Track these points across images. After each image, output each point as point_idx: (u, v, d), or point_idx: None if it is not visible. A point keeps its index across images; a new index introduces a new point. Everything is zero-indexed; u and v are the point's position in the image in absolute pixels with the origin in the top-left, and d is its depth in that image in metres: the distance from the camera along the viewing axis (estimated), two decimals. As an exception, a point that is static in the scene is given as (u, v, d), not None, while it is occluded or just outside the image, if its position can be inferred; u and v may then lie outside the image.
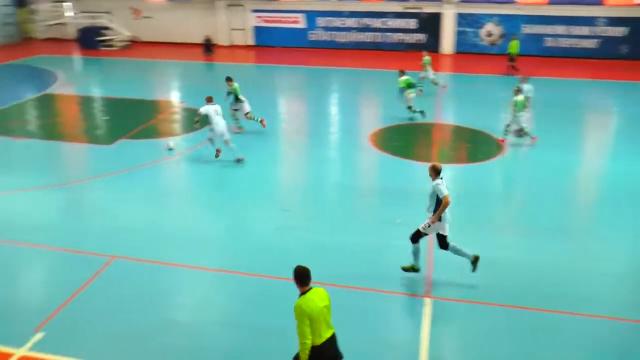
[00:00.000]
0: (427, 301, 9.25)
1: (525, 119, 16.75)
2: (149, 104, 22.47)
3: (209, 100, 15.80)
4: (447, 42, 32.33)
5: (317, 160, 16.23)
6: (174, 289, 9.82)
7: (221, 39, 34.95)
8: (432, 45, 32.20)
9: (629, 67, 28.72)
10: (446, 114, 20.68)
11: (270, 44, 34.48)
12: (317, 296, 6.34)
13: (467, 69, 29.11)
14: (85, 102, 23.16)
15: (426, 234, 9.58)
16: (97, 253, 10.74)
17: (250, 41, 35.01)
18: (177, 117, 20.70)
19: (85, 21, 35.83)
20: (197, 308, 9.32)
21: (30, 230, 11.79)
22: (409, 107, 19.08)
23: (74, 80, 26.55)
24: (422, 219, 9.59)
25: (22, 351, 8.10)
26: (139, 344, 8.28)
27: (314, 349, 6.31)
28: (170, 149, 16.51)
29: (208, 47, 32.63)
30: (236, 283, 9.96)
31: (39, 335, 8.41)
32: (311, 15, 33.59)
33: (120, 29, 35.06)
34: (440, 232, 9.48)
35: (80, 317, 8.91)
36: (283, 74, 27.97)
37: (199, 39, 33.66)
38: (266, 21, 34.39)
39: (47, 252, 11.03)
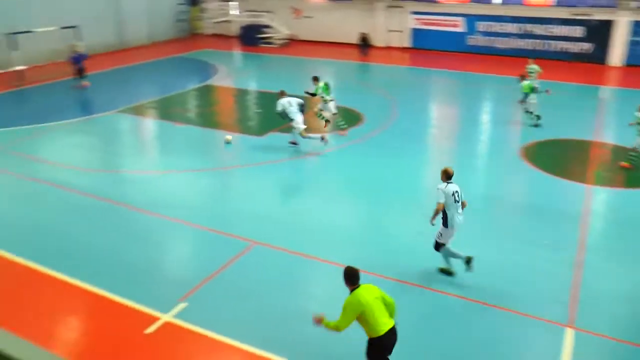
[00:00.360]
0: (569, 332, 8.44)
1: None
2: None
3: (282, 94, 16.46)
4: (617, 52, 29.89)
5: (464, 169, 15.45)
6: (308, 280, 9.99)
7: (378, 40, 35.15)
8: (599, 55, 29.97)
9: None
10: (607, 132, 19.09)
11: (427, 46, 34.02)
12: (367, 291, 6.68)
13: (637, 83, 26.70)
14: (241, 94, 24.39)
15: (444, 244, 9.59)
16: (240, 236, 11.21)
17: (407, 43, 34.82)
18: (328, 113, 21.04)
19: (248, 19, 37.77)
20: (329, 301, 9.37)
21: (182, 208, 12.62)
22: (529, 112, 18.72)
23: (233, 74, 28.07)
24: (570, 242, 8.89)
25: (167, 317, 8.66)
26: (272, 328, 8.49)
27: (376, 340, 6.61)
28: (228, 143, 17.00)
29: (364, 44, 32.93)
30: (367, 281, 9.86)
31: (182, 305, 8.95)
32: (471, 19, 32.63)
33: (280, 28, 36.49)
34: (443, 240, 9.57)
35: (220, 294, 9.34)
36: (438, 78, 27.49)
37: (356, 39, 34.10)
38: (424, 23, 33.97)
39: (195, 230, 11.71)
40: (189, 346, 8.13)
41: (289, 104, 16.24)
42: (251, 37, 36.34)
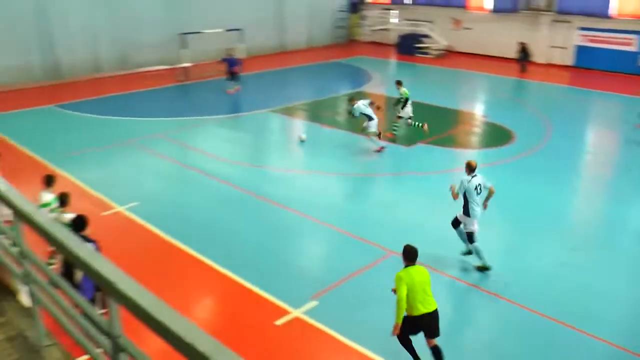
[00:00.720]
0: None
1: None
2: (452, 113, 22.71)
3: (353, 100, 17.01)
4: None
5: (618, 200, 14.36)
6: (440, 298, 9.73)
7: (538, 56, 33.48)
8: None
9: None
10: None
11: (592, 66, 31.68)
12: (417, 272, 7.37)
13: None
14: (391, 102, 24.37)
15: (472, 232, 10.09)
16: (377, 244, 11.23)
17: (570, 61, 32.74)
18: (477, 130, 20.52)
19: (407, 28, 37.75)
20: (458, 321, 9.11)
21: (324, 209, 12.93)
22: None
23: (387, 82, 28.15)
24: None
25: (297, 313, 8.91)
26: (394, 339, 8.39)
27: (410, 319, 7.32)
28: (302, 141, 17.52)
29: (524, 55, 31.22)
30: (499, 307, 9.44)
31: (313, 303, 9.16)
32: (646, 38, 29.80)
33: (439, 38, 36.08)
34: (469, 229, 10.08)
35: (350, 298, 9.43)
36: (600, 100, 25.52)
37: (515, 54, 32.75)
38: (592, 40, 31.64)
39: (334, 232, 11.91)
40: (314, 343, 8.31)
41: (365, 106, 16.78)
42: (408, 46, 36.29)
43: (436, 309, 7.40)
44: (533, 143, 18.15)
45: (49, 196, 9.37)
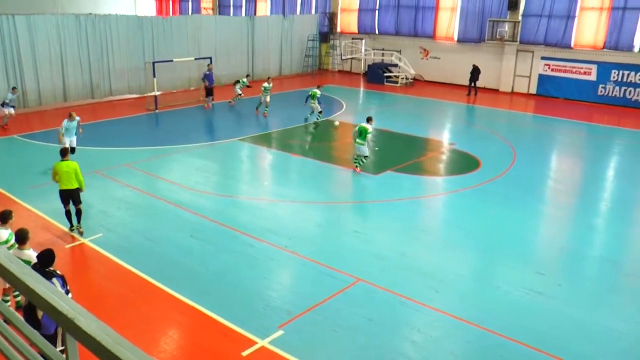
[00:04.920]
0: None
1: None
2: (420, 141, 23.06)
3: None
4: None
5: (582, 227, 14.68)
6: (409, 325, 9.80)
7: (503, 85, 34.39)
8: None
9: None
10: None
11: (554, 94, 32.68)
12: (66, 164, 12.23)
13: None
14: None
15: None
16: (345, 272, 11.28)
17: (533, 90, 33.73)
18: (445, 157, 20.86)
19: (376, 58, 38.40)
20: (428, 348, 9.17)
21: (291, 237, 12.92)
22: None
23: (355, 111, 28.51)
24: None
25: (264, 343, 8.88)
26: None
27: (62, 192, 12.44)
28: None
29: (473, 77, 32.80)
30: (471, 335, 9.54)
31: (279, 332, 9.13)
32: (605, 67, 30.85)
33: (407, 67, 36.73)
34: None
35: (318, 327, 9.43)
36: (563, 127, 26.18)
37: (481, 83, 33.56)
38: (554, 70, 32.70)
39: (302, 260, 11.92)
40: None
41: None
42: (377, 75, 36.89)
43: (77, 188, 12.38)
44: (499, 170, 18.53)
45: (4, 233, 9.16)
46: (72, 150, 16.64)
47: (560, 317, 10.02)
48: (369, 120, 18.03)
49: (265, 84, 25.82)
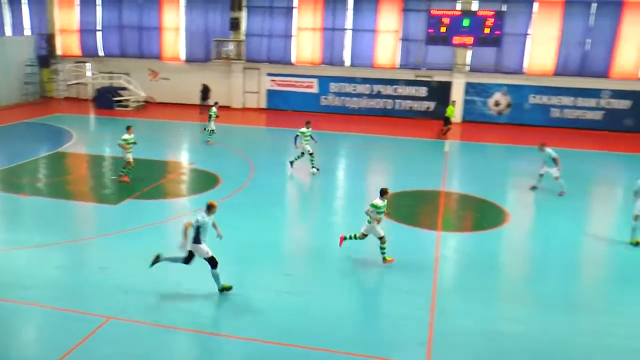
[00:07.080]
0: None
1: None
2: (158, 164, 22.76)
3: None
4: (456, 110, 32.67)
5: (323, 225, 16.24)
6: (169, 354, 9.72)
7: (234, 102, 35.80)
8: (441, 113, 32.59)
9: (634, 140, 29.22)
10: (452, 182, 20.82)
11: (283, 107, 35.24)
12: None
13: (473, 137, 29.48)
14: (95, 161, 23.50)
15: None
16: (93, 313, 10.72)
17: (263, 104, 35.81)
18: (185, 177, 20.98)
19: (104, 81, 36.90)
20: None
21: (29, 288, 11.79)
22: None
23: (86, 140, 27.08)
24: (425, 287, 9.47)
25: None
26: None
27: None
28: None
29: (204, 95, 33.92)
30: (232, 346, 9.84)
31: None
32: (324, 81, 34.44)
33: (137, 90, 35.99)
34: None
35: (69, 378, 8.84)
36: (291, 137, 27.97)
37: (212, 101, 34.30)
38: (280, 85, 35.27)
39: (43, 310, 11.01)
40: None
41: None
42: (106, 100, 35.40)
43: None
44: (238, 183, 19.31)
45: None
46: None
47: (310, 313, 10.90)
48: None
49: None
